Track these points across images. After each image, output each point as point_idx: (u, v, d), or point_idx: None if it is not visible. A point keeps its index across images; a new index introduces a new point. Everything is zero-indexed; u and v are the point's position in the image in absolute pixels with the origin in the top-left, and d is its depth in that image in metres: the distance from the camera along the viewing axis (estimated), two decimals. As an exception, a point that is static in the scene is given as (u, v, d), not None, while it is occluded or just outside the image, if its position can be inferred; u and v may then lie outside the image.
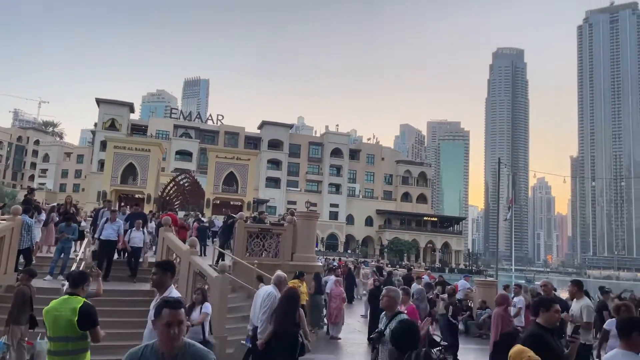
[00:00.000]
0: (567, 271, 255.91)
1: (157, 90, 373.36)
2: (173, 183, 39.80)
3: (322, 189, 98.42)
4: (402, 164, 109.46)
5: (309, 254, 15.82)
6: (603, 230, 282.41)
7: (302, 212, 16.26)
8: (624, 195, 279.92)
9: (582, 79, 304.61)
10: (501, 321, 8.02)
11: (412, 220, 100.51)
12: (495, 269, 24.94)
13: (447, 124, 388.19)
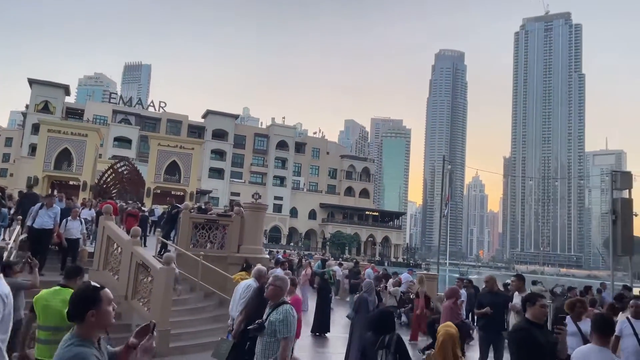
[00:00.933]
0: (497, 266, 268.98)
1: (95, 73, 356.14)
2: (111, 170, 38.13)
3: (266, 181, 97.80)
4: (346, 158, 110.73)
5: (256, 246, 15.59)
6: (531, 228, 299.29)
7: (250, 204, 15.97)
8: (550, 195, 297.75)
9: (517, 83, 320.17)
10: (451, 313, 8.22)
11: (355, 214, 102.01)
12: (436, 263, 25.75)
13: (390, 122, 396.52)
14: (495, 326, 8.36)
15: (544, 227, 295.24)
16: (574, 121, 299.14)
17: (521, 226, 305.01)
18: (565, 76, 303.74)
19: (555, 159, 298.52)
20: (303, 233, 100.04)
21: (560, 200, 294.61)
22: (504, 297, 8.72)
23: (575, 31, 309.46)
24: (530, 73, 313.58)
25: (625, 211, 17.81)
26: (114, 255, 11.68)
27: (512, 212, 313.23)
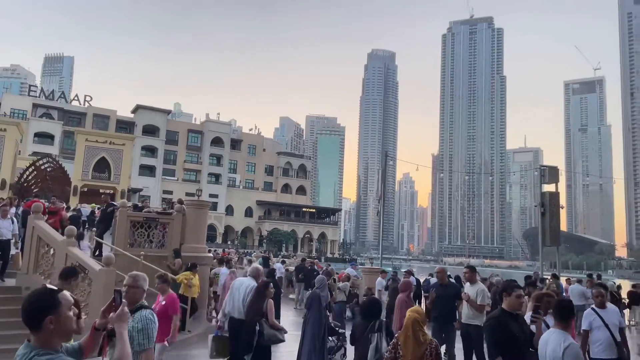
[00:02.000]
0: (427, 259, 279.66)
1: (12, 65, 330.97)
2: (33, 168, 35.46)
3: (201, 179, 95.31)
4: (283, 155, 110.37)
5: (199, 245, 15.05)
6: (457, 222, 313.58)
7: (192, 201, 15.41)
8: (475, 191, 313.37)
9: (444, 84, 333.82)
10: (405, 307, 8.27)
11: (292, 211, 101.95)
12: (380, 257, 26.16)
13: (324, 119, 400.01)
14: (446, 317, 8.54)
15: (469, 221, 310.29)
16: (496, 120, 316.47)
17: (449, 220, 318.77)
18: (489, 78, 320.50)
19: (479, 156, 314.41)
20: (239, 231, 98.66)
21: (484, 195, 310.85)
22: (455, 288, 8.93)
23: (498, 35, 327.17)
24: (456, 74, 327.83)
25: (552, 204, 19.02)
26: (46, 257, 10.83)
27: (440, 207, 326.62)
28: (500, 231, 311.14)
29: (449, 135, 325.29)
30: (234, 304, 7.45)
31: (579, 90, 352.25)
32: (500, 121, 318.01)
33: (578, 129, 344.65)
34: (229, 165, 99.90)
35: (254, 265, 8.20)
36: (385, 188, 59.99)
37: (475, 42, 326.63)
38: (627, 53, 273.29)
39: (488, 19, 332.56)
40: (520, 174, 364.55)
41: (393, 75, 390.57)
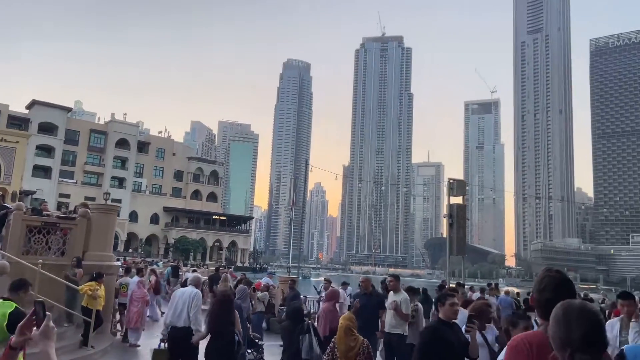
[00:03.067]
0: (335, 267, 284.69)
1: None
2: None
3: (102, 182, 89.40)
4: (194, 160, 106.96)
5: (105, 253, 13.92)
6: (365, 232, 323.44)
7: (99, 205, 14.25)
8: (382, 202, 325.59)
9: (357, 98, 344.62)
10: (330, 315, 8.17)
11: (201, 218, 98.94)
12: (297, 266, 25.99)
13: (238, 126, 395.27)
14: (370, 327, 8.55)
15: (376, 231, 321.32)
16: (403, 135, 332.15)
17: (357, 230, 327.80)
18: (397, 94, 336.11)
19: (387, 169, 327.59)
20: (143, 239, 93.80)
21: (390, 206, 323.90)
22: (379, 297, 8.99)
23: (407, 54, 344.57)
24: (368, 89, 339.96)
25: (460, 216, 20.04)
26: None
27: (349, 217, 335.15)
28: (404, 241, 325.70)
29: (360, 148, 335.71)
30: (176, 313, 7.45)
31: (477, 110, 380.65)
32: (407, 136, 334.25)
33: (475, 147, 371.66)
34: (135, 168, 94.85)
35: (195, 274, 8.14)
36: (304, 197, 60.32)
37: (386, 59, 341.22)
38: (520, 78, 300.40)
39: (398, 38, 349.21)
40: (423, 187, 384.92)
41: (308, 86, 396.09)
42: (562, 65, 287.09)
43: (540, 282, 2.27)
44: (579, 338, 1.84)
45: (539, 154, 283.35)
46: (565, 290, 2.22)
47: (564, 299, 2.04)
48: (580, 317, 1.89)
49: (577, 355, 1.83)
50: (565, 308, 1.95)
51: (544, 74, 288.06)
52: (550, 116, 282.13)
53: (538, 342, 2.13)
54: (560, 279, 2.25)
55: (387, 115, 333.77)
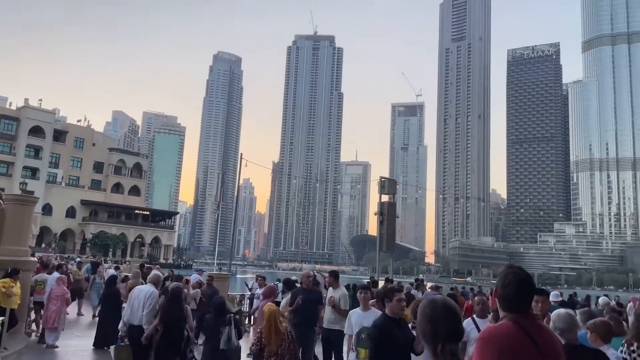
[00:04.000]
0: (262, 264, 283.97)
1: None
2: None
3: (13, 172, 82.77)
4: (116, 152, 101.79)
5: (20, 247, 12.83)
6: (293, 228, 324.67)
7: (15, 196, 13.10)
8: (310, 199, 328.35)
9: (288, 94, 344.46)
10: (268, 313, 8.04)
11: (123, 213, 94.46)
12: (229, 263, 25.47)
13: (164, 117, 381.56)
14: (308, 322, 8.52)
15: (303, 228, 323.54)
16: (332, 134, 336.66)
17: (285, 227, 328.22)
18: (328, 93, 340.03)
19: (316, 166, 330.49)
20: (58, 233, 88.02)
21: (318, 203, 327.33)
22: (317, 294, 8.98)
23: (338, 54, 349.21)
24: (299, 86, 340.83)
25: (390, 213, 20.64)
26: None
27: (277, 213, 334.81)
28: (331, 238, 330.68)
29: (290, 145, 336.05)
30: (133, 311, 7.56)
31: (404, 112, 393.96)
32: (337, 135, 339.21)
33: (401, 147, 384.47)
34: (50, 158, 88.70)
35: (154, 272, 8.37)
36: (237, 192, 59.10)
37: (318, 57, 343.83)
38: (443, 83, 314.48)
39: (330, 37, 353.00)
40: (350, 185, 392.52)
41: (238, 80, 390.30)
42: (482, 73, 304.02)
43: (504, 278, 2.43)
44: (446, 331, 2.23)
45: (459, 157, 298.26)
46: (527, 285, 2.42)
47: (526, 293, 2.40)
48: (445, 313, 2.30)
49: (447, 346, 2.22)
50: (432, 306, 2.34)
51: (466, 81, 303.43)
52: (470, 121, 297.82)
53: (508, 333, 2.28)
54: (523, 275, 2.44)
55: (317, 113, 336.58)
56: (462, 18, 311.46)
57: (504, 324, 2.37)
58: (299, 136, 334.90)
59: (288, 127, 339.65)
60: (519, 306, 2.40)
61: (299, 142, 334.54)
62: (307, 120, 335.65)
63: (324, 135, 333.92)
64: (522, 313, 2.39)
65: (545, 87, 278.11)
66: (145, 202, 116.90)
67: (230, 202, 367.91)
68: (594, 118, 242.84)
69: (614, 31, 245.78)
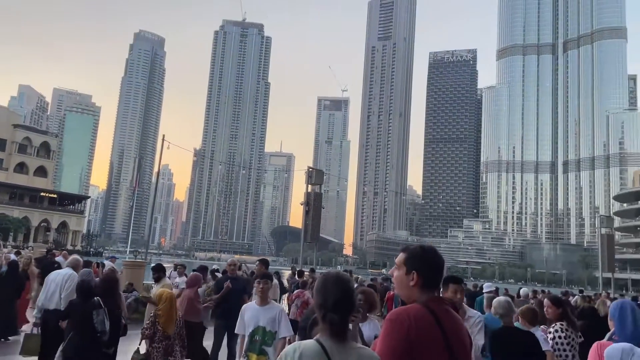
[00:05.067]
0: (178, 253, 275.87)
1: None
2: None
3: None
4: (21, 129, 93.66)
5: None
6: (212, 217, 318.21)
7: None
8: (232, 188, 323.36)
9: (213, 80, 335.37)
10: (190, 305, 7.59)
11: (26, 195, 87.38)
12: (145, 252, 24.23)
13: (76, 95, 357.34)
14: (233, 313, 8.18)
15: (224, 217, 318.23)
16: (258, 123, 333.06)
17: (204, 215, 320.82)
18: (255, 81, 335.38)
19: (240, 155, 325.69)
20: (-52, 215, 79.74)
21: (240, 193, 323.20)
22: (244, 282, 8.66)
23: (266, 42, 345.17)
24: (225, 72, 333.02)
25: (316, 204, 20.66)
26: None
27: (197, 201, 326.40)
28: (252, 228, 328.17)
29: (213, 132, 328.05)
30: (47, 296, 7.27)
31: (329, 106, 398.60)
32: (262, 124, 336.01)
33: (325, 141, 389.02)
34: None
35: (74, 255, 7.97)
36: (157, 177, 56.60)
37: (246, 45, 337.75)
38: (368, 80, 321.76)
39: (259, 25, 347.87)
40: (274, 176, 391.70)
41: (161, 61, 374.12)
42: (405, 73, 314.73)
43: (427, 254, 2.52)
44: (332, 302, 2.33)
45: (380, 153, 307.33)
46: (443, 264, 2.55)
47: (442, 272, 2.55)
48: (335, 285, 2.40)
49: (328, 315, 2.30)
50: (324, 278, 2.49)
51: (390, 79, 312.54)
52: (392, 119, 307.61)
53: (416, 315, 2.29)
54: (439, 255, 2.57)
55: (243, 101, 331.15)
56: (388, 18, 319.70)
57: (414, 306, 2.37)
58: (223, 124, 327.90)
59: (212, 114, 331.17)
60: (437, 283, 2.49)
61: (222, 130, 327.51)
62: (232, 108, 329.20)
63: (248, 124, 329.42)
64: (434, 297, 2.41)
65: (461, 91, 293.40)
66: (52, 185, 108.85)
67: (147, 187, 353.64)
68: (503, 123, 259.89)
69: (526, 42, 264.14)
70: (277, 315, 5.19)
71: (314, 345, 2.23)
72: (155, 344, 6.28)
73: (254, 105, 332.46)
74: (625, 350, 3.19)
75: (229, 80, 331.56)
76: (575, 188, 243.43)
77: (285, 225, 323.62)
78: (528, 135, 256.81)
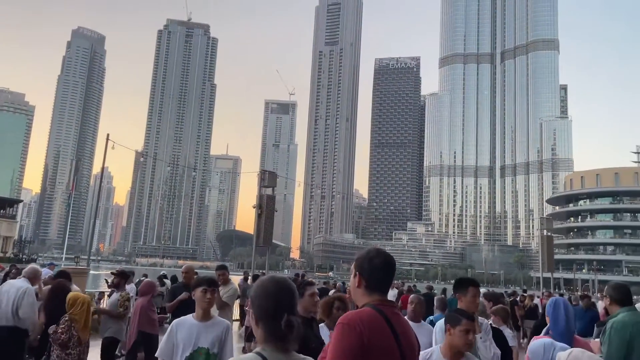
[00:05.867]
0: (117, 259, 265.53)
1: None
2: None
3: None
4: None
5: None
6: (155, 222, 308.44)
7: None
8: (176, 192, 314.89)
9: (156, 81, 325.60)
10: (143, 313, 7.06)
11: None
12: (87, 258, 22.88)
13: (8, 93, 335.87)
14: (190, 320, 7.72)
15: (167, 222, 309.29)
16: (203, 125, 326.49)
17: (146, 220, 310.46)
18: (200, 83, 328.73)
19: (184, 158, 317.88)
20: None
21: (184, 197, 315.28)
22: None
23: (212, 43, 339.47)
24: (169, 73, 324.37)
25: (269, 207, 20.24)
26: None
27: (139, 205, 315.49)
28: (196, 233, 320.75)
29: (156, 134, 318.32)
30: (0, 309, 6.75)
31: (277, 110, 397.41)
32: (208, 126, 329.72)
33: (272, 144, 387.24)
34: None
35: (32, 265, 7.36)
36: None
37: (191, 45, 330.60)
38: (316, 85, 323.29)
39: (205, 26, 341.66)
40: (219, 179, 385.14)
41: (101, 60, 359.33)
42: (351, 78, 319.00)
43: (374, 257, 2.53)
44: (272, 309, 2.15)
45: (327, 157, 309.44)
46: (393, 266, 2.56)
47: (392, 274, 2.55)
48: (275, 290, 2.21)
49: (269, 323, 2.14)
50: (261, 284, 2.28)
51: (337, 84, 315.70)
52: (339, 123, 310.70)
53: (368, 317, 2.26)
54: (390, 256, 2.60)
55: (188, 103, 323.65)
56: (335, 23, 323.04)
57: (365, 310, 2.33)
58: (167, 125, 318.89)
59: (155, 115, 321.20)
60: (382, 285, 2.42)
61: (166, 132, 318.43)
62: (176, 110, 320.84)
63: (194, 127, 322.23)
64: (383, 300, 2.37)
65: (406, 97, 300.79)
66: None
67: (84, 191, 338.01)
68: (445, 128, 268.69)
69: (466, 51, 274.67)
70: (222, 334, 4.04)
71: (255, 359, 2.09)
72: (69, 350, 5.96)
73: (200, 106, 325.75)
74: (546, 345, 3.43)
75: (173, 81, 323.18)
76: (512, 191, 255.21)
77: (232, 230, 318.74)
78: (468, 141, 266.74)
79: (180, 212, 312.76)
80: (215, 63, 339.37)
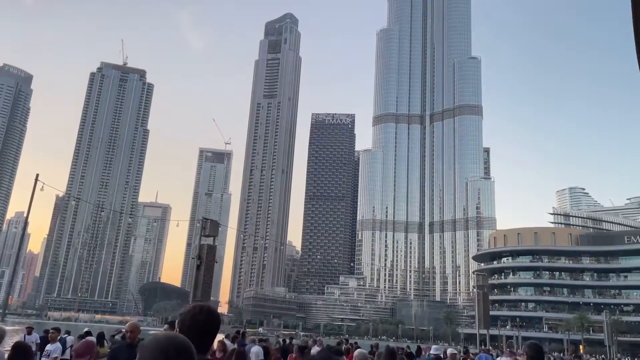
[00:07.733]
0: (27, 313, 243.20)
1: None
2: None
3: None
4: None
5: None
6: (72, 272, 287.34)
7: None
8: (98, 240, 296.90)
9: (85, 124, 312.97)
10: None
11: None
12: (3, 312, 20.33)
13: None
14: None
15: (85, 272, 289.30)
16: (132, 172, 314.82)
17: (62, 270, 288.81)
18: (132, 128, 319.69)
19: (110, 204, 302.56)
20: None
21: (107, 246, 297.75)
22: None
23: (148, 89, 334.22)
24: (100, 116, 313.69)
25: (209, 257, 19.12)
26: None
27: (55, 254, 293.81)
28: (118, 285, 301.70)
29: (81, 178, 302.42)
30: None
31: (211, 158, 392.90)
32: (137, 173, 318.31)
33: (205, 193, 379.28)
34: None
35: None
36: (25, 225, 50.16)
37: (125, 90, 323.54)
38: (252, 136, 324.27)
39: (141, 71, 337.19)
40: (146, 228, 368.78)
41: (26, 100, 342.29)
42: (288, 131, 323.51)
43: (198, 314, 2.53)
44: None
45: (261, 208, 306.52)
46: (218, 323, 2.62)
47: (214, 333, 2.55)
48: (157, 348, 2.08)
49: None
50: (156, 341, 2.16)
51: (273, 136, 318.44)
52: (275, 174, 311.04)
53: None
54: (215, 313, 2.63)
55: (118, 147, 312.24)
56: (274, 77, 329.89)
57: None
58: (94, 170, 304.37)
59: (81, 159, 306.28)
60: (206, 347, 2.42)
61: (92, 176, 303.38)
62: (104, 154, 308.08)
63: (122, 172, 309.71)
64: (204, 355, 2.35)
65: (340, 152, 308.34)
66: None
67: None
68: (378, 184, 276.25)
69: (398, 112, 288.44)
70: None
71: None
72: None
73: (130, 152, 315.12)
74: None
75: (103, 124, 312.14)
76: (440, 247, 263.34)
77: (156, 282, 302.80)
78: (399, 197, 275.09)
79: (101, 262, 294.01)
80: (150, 109, 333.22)
